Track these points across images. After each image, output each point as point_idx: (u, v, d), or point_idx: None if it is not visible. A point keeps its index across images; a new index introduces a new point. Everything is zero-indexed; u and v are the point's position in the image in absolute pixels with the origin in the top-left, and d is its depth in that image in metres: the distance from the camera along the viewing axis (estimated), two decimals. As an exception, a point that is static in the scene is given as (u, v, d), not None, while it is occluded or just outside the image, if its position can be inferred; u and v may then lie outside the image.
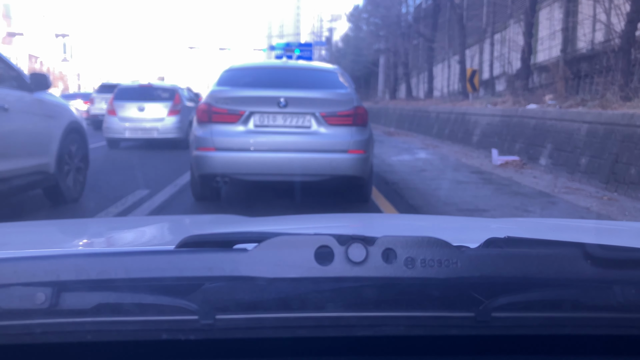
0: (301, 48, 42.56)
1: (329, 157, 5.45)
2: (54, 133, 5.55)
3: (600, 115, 7.75)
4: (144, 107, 12.49)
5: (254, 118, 5.44)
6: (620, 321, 0.82)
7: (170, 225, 1.82)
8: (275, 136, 5.44)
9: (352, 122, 5.48)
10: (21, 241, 1.42)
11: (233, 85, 5.77)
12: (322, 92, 5.65)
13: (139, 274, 0.79)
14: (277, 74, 6.34)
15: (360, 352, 0.87)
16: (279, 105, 5.41)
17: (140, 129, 12.47)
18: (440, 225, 1.84)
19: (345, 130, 5.47)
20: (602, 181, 7.29)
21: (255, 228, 1.63)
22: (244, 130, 5.43)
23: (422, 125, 19.12)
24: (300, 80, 6.05)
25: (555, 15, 13.93)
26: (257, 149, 5.41)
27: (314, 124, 5.46)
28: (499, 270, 0.80)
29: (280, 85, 5.75)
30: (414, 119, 20.86)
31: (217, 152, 5.41)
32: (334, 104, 5.51)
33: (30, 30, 47.49)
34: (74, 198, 5.90)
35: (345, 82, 6.03)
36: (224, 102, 5.47)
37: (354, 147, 5.48)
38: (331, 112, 5.45)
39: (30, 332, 0.77)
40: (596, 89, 10.89)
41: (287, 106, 5.41)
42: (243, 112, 5.41)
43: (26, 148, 5.11)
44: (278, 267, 0.78)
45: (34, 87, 5.34)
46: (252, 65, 6.84)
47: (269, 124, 5.46)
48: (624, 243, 0.91)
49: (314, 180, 5.55)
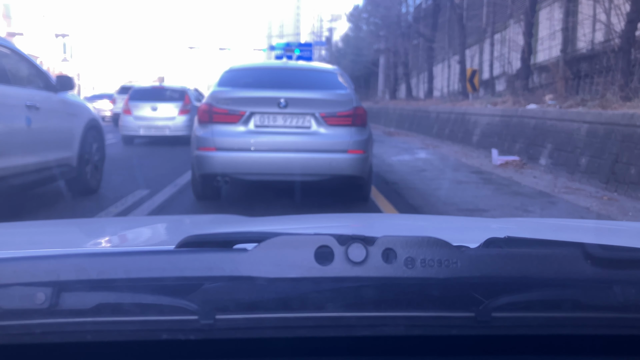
0: (301, 48, 42.49)
1: (328, 157, 5.48)
2: (76, 130, 6.14)
3: (600, 115, 7.76)
4: (157, 107, 13.53)
5: (255, 118, 5.48)
6: (620, 321, 0.82)
7: (170, 225, 1.83)
8: (275, 136, 5.48)
9: (351, 123, 5.52)
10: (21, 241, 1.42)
11: (234, 86, 5.80)
12: (321, 93, 5.67)
13: (139, 274, 0.79)
14: (277, 74, 6.37)
15: (360, 352, 0.87)
16: (279, 105, 5.44)
17: (153, 127, 13.51)
18: (440, 225, 1.85)
19: (344, 131, 5.51)
20: (602, 181, 7.30)
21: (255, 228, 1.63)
22: (244, 131, 5.46)
23: (422, 125, 19.14)
24: (300, 81, 6.08)
25: (555, 15, 13.95)
26: (257, 149, 5.45)
27: (313, 125, 5.50)
28: (499, 270, 0.80)
29: (281, 85, 5.77)
30: (414, 119, 20.86)
31: (217, 152, 5.45)
32: (334, 105, 5.55)
33: (30, 30, 47.53)
34: (93, 189, 6.45)
35: (344, 82, 6.07)
36: (225, 102, 5.51)
37: (354, 147, 5.51)
38: (331, 113, 5.49)
39: (30, 332, 0.77)
40: (596, 89, 10.91)
41: (287, 107, 5.45)
42: (244, 112, 5.45)
43: (54, 143, 5.65)
44: (278, 267, 0.78)
45: (59, 88, 5.89)
46: (252, 66, 6.84)
47: (269, 124, 5.50)
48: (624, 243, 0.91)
49: (313, 180, 5.60)
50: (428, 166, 10.02)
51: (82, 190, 6.26)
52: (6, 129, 4.85)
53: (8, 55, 5.26)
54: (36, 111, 5.29)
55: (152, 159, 10.81)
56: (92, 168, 6.47)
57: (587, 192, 7.11)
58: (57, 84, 5.88)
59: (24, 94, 5.25)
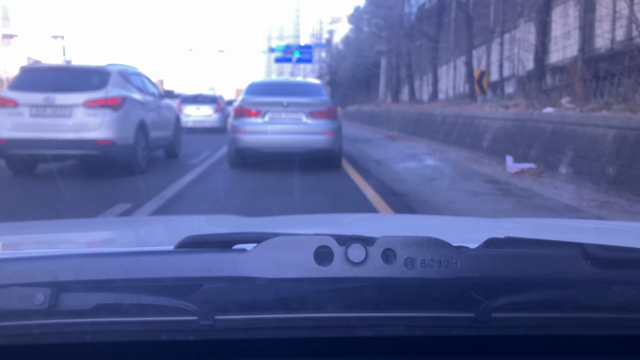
0: (301, 50, 42.05)
1: (313, 138, 9.04)
2: (171, 120, 10.98)
3: (630, 120, 7.10)
4: (200, 108, 21.21)
5: (268, 114, 9.10)
6: (620, 321, 0.84)
7: (170, 226, 1.86)
8: (280, 125, 9.06)
9: (327, 116, 9.11)
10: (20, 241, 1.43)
11: (255, 94, 9.46)
12: (309, 99, 9.27)
13: (138, 274, 0.81)
14: (282, 86, 10.35)
15: (360, 353, 0.88)
16: (283, 106, 9.05)
17: (197, 121, 21.15)
18: (440, 225, 1.87)
19: (322, 121, 9.07)
20: (634, 193, 6.61)
21: (255, 228, 1.66)
22: (261, 122, 9.08)
23: (427, 129, 18.54)
24: (296, 91, 9.75)
25: (570, 13, 13.38)
26: (269, 133, 9.04)
27: (304, 118, 9.06)
28: (498, 270, 0.82)
29: (284, 94, 9.33)
30: (419, 122, 20.40)
31: (246, 135, 9.06)
32: (316, 105, 9.15)
33: (29, 32, 47.15)
34: (177, 155, 11.16)
35: (324, 92, 9.96)
36: (250, 104, 9.16)
37: (328, 131, 9.09)
38: (314, 110, 9.07)
39: (29, 333, 0.79)
40: (617, 91, 10.21)
41: (288, 107, 9.04)
42: (261, 110, 9.09)
43: (165, 127, 10.39)
44: (277, 267, 0.80)
45: (164, 95, 10.92)
46: (266, 81, 11.42)
47: (276, 118, 9.08)
48: (624, 243, 0.94)
49: (304, 152, 9.13)
50: (438, 174, 9.35)
51: (171, 155, 10.94)
52: (153, 118, 9.42)
53: (142, 77, 9.85)
54: (159, 108, 10.02)
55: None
56: (177, 142, 11.23)
57: (620, 206, 6.46)
58: (163, 94, 11.00)
59: (156, 100, 10.00)
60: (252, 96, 9.24)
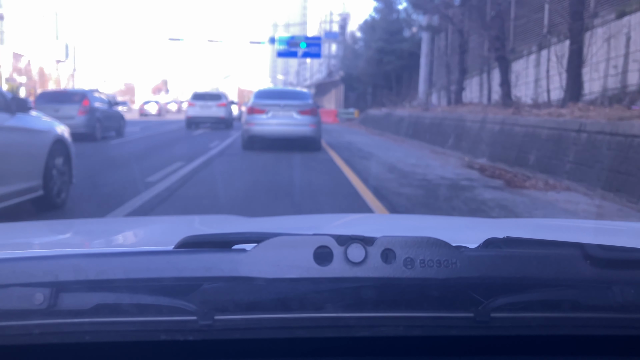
0: (308, 42, 39.09)
1: (301, 128, 13.76)
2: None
3: None
4: (208, 104, 26.01)
5: (270, 112, 13.76)
6: (619, 321, 0.84)
7: (169, 226, 1.88)
8: (279, 119, 13.75)
9: (310, 113, 13.90)
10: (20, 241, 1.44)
11: (261, 98, 14.38)
12: (299, 102, 14.27)
13: (137, 274, 0.82)
14: (280, 93, 15.87)
15: (359, 353, 0.89)
16: (280, 106, 13.90)
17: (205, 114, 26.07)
18: (440, 225, 1.89)
19: (307, 117, 13.82)
20: None
21: (254, 228, 1.68)
22: (265, 117, 13.75)
23: (586, 165, 7.97)
24: (290, 96, 15.14)
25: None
26: (271, 125, 13.74)
27: (294, 115, 13.79)
28: (498, 270, 0.82)
29: (281, 98, 14.39)
30: (558, 151, 8.92)
31: (255, 126, 13.80)
32: (303, 106, 14.03)
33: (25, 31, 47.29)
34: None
35: (310, 97, 15.42)
36: (258, 105, 13.93)
37: (311, 124, 13.81)
38: (302, 109, 13.88)
39: (29, 333, 0.80)
40: None
41: (284, 107, 13.90)
42: (265, 109, 13.79)
43: None
44: (277, 267, 0.81)
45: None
46: (270, 89, 19.52)
47: (276, 114, 13.76)
48: (624, 243, 0.94)
49: (295, 138, 13.76)
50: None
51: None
52: None
53: None
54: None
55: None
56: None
57: None
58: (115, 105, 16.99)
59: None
60: (259, 99, 14.24)
